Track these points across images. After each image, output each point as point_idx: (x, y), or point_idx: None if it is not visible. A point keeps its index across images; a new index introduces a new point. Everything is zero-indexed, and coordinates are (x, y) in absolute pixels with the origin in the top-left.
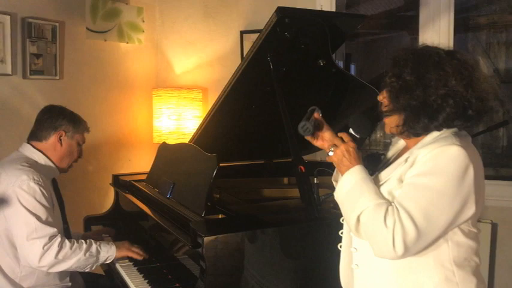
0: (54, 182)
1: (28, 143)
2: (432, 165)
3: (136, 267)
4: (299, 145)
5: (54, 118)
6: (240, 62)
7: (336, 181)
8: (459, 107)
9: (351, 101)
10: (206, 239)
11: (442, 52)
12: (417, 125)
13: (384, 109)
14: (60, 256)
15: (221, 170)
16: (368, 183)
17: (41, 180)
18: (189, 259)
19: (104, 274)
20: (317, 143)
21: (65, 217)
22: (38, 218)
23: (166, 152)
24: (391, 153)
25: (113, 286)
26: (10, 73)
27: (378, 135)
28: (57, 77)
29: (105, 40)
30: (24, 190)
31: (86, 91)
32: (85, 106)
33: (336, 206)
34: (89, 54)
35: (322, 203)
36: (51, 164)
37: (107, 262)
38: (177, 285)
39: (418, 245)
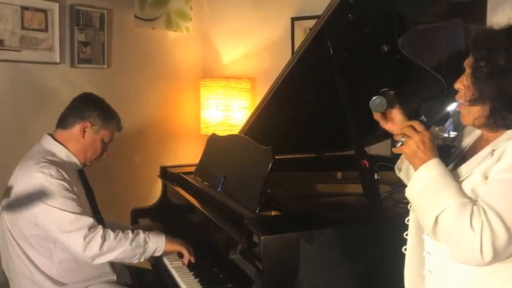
0: (81, 174)
1: (52, 132)
2: None
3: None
4: (361, 138)
5: (87, 107)
6: (290, 50)
7: (400, 169)
8: None
9: (414, 89)
10: (264, 238)
11: None
12: (510, 115)
13: (468, 98)
14: (105, 248)
15: (274, 163)
16: (448, 178)
17: (59, 174)
18: (242, 258)
19: (151, 269)
20: (386, 125)
21: (96, 207)
22: (68, 211)
23: (216, 144)
24: (464, 144)
25: (160, 282)
26: (58, 61)
27: (437, 129)
28: (105, 66)
29: (153, 28)
30: (44, 186)
31: (133, 80)
32: (132, 96)
33: (397, 203)
34: (136, 43)
35: (383, 201)
36: (72, 156)
37: (156, 255)
38: (229, 285)
39: (509, 250)
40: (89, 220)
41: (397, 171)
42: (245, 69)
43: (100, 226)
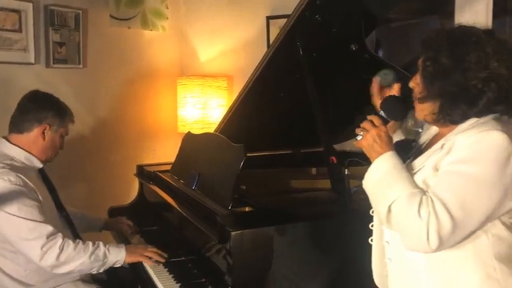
0: (41, 172)
1: (7, 135)
2: (471, 152)
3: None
4: (329, 135)
5: (40, 109)
6: (266, 48)
7: None
8: (502, 91)
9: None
10: (233, 233)
11: (481, 31)
12: (455, 111)
13: (418, 96)
14: (62, 258)
15: (248, 161)
16: (401, 170)
17: (19, 180)
18: (215, 253)
19: (126, 266)
20: (376, 100)
21: (61, 205)
22: (27, 219)
23: (191, 142)
24: (422, 139)
25: (135, 277)
26: (33, 62)
27: (409, 124)
28: (81, 66)
29: (129, 28)
30: (4, 194)
31: (110, 80)
32: (109, 95)
33: (366, 197)
34: (112, 42)
35: (353, 195)
36: (32, 158)
37: (115, 266)
38: (203, 280)
39: (454, 238)
40: (48, 229)
41: None
42: (222, 67)
43: (60, 235)
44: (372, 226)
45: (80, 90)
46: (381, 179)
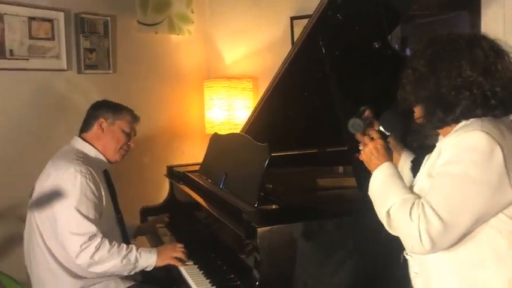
0: (106, 174)
1: (79, 135)
2: (453, 154)
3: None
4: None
5: (97, 109)
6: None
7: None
8: (477, 98)
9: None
10: (260, 229)
11: (463, 40)
12: (433, 117)
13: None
14: (96, 257)
15: (274, 160)
16: (395, 179)
17: (89, 173)
18: (243, 250)
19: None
20: (366, 141)
21: (118, 207)
22: (81, 212)
23: (217, 143)
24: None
25: (167, 275)
26: (66, 68)
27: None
28: (111, 71)
29: (156, 33)
30: (71, 183)
31: (139, 84)
32: (138, 99)
33: None
34: (140, 48)
35: None
36: (100, 155)
37: (147, 270)
38: (232, 276)
39: (448, 237)
40: (93, 229)
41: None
42: (247, 68)
43: (100, 236)
44: None
45: (110, 94)
46: (379, 188)
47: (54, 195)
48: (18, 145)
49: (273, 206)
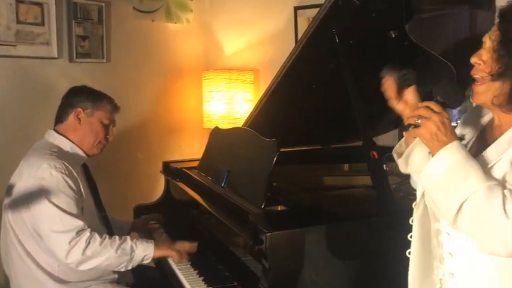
0: (85, 168)
1: (53, 128)
2: None
3: (190, 261)
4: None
5: (73, 96)
6: (294, 40)
7: (398, 153)
8: None
9: (421, 77)
10: (270, 235)
11: None
12: None
13: (493, 71)
14: (88, 252)
15: (279, 156)
16: (472, 161)
17: (64, 167)
18: (248, 255)
19: (153, 266)
20: (398, 105)
21: (101, 204)
22: (62, 209)
23: (219, 137)
24: (469, 131)
25: (163, 279)
26: (56, 56)
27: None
28: (104, 60)
29: (153, 20)
30: (46, 180)
31: (134, 74)
32: (132, 90)
33: (407, 195)
34: (136, 36)
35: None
36: (77, 148)
37: (144, 262)
38: (235, 283)
39: None
40: (79, 223)
41: (395, 156)
42: (248, 60)
43: (88, 230)
44: (411, 237)
45: (104, 84)
46: (449, 173)
47: (29, 196)
48: (1, 138)
49: (280, 207)
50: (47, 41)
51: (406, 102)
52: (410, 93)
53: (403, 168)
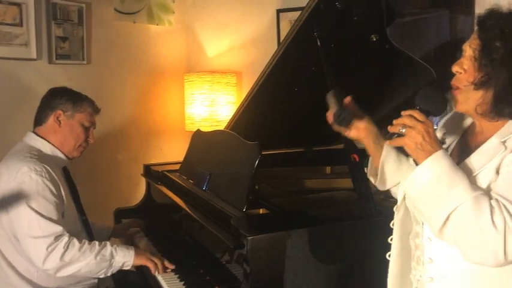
0: (65, 171)
1: (32, 130)
2: None
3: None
4: None
5: (53, 98)
6: (276, 43)
7: (373, 175)
8: None
9: (402, 80)
10: (251, 238)
11: None
12: (508, 107)
13: (475, 81)
14: (67, 258)
15: (261, 159)
16: (458, 171)
17: (44, 171)
18: (229, 260)
19: (133, 270)
20: (351, 133)
21: (82, 208)
22: (41, 214)
23: (201, 140)
24: (448, 138)
25: (143, 284)
26: (35, 57)
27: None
28: (85, 62)
29: (134, 22)
30: (26, 183)
31: (114, 76)
32: (113, 92)
33: (387, 198)
34: (117, 37)
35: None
36: (57, 151)
37: (124, 268)
38: None
39: None
40: (58, 229)
41: (371, 179)
42: (230, 63)
43: (67, 235)
44: (391, 240)
45: (84, 87)
46: (435, 182)
47: (8, 200)
48: None
49: (262, 211)
50: (25, 42)
51: (358, 128)
52: (360, 122)
53: (381, 187)
